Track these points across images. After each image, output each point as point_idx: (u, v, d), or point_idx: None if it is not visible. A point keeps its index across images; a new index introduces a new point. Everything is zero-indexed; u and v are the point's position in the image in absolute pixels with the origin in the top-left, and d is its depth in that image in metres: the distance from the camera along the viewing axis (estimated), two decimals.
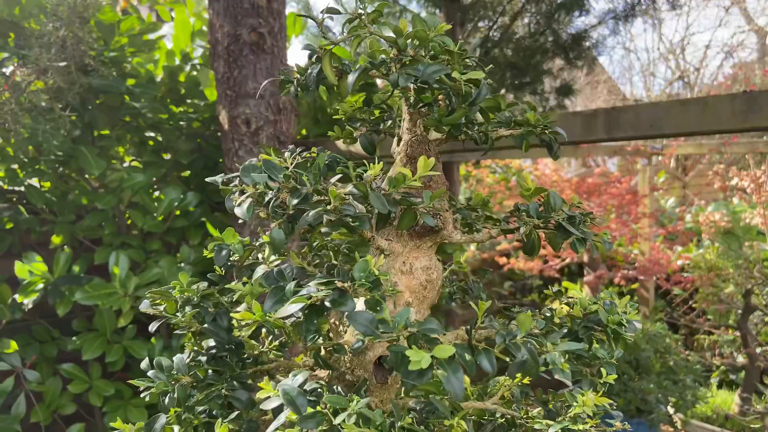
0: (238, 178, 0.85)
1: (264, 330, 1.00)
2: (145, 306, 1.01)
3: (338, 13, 0.86)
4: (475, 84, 0.81)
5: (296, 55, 18.52)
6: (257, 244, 1.01)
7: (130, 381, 0.97)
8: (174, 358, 0.94)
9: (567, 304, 0.93)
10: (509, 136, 0.91)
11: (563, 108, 4.41)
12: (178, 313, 0.98)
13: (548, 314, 0.91)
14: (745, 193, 6.68)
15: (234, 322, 0.96)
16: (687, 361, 3.61)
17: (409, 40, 0.80)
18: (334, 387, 0.76)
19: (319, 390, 0.74)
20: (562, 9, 3.70)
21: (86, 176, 2.87)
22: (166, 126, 2.92)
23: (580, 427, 0.79)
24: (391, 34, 0.79)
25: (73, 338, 2.69)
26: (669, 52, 12.13)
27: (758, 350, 3.88)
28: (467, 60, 0.83)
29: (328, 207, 0.75)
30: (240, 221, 2.68)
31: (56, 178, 2.82)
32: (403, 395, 0.90)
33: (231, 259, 1.00)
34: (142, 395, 0.94)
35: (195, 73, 3.28)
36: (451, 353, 0.66)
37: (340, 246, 0.98)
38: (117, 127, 2.89)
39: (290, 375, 0.75)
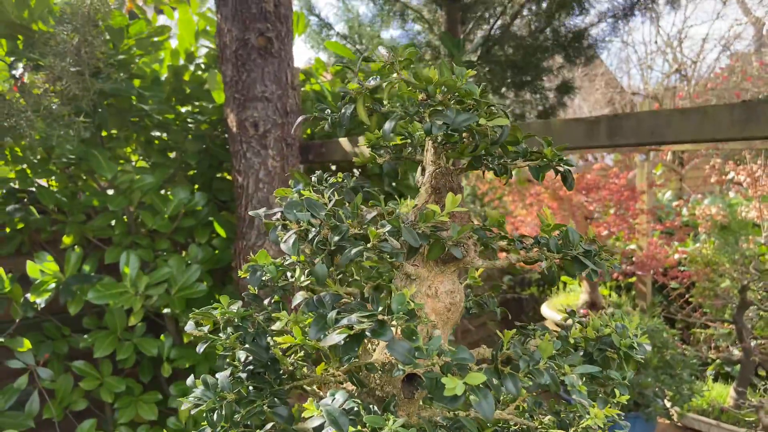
0: (280, 213, 0.90)
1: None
2: (190, 328, 1.06)
3: (373, 61, 0.92)
4: (494, 132, 0.87)
5: (298, 54, 18.50)
6: (287, 263, 1.07)
7: (177, 398, 1.01)
8: (218, 376, 1.00)
9: (579, 323, 0.99)
10: (527, 166, 0.97)
11: (563, 105, 4.46)
12: (221, 334, 1.03)
13: (564, 334, 0.97)
14: (742, 186, 6.76)
15: (271, 341, 1.01)
16: (684, 355, 3.69)
17: (437, 88, 0.85)
18: (369, 405, 0.81)
19: (356, 409, 0.79)
20: (562, 9, 3.75)
21: (96, 176, 2.92)
22: (173, 126, 2.96)
23: None
24: (413, 80, 0.84)
25: (85, 336, 2.74)
26: (666, 45, 12.16)
27: (753, 344, 3.96)
28: (491, 107, 0.88)
29: (368, 245, 0.81)
30: (247, 223, 2.71)
31: (65, 179, 2.87)
32: (428, 408, 0.96)
33: (264, 279, 1.05)
34: (183, 407, 0.99)
35: (200, 72, 3.32)
36: (483, 380, 0.72)
37: (368, 270, 1.03)
38: (125, 128, 2.94)
39: (329, 394, 0.81)
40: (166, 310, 2.88)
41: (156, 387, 3.01)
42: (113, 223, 2.90)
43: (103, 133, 2.88)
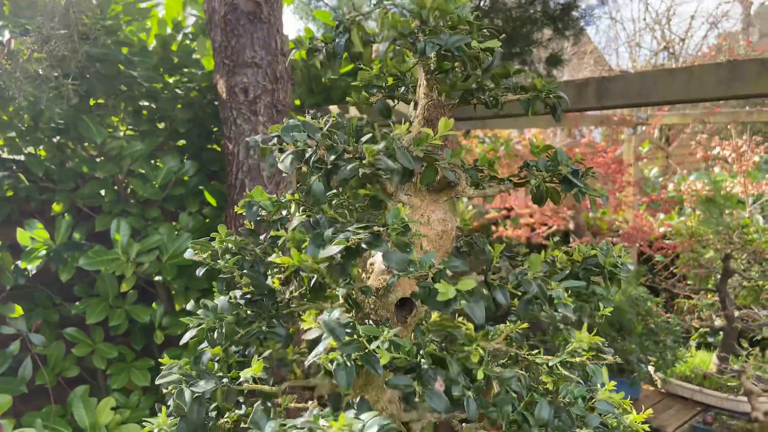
0: (276, 138, 0.92)
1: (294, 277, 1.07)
2: (189, 254, 1.08)
3: None
4: (490, 52, 0.88)
5: (287, 26, 18.31)
6: (283, 200, 1.08)
7: (180, 318, 1.04)
8: (217, 301, 1.02)
9: (566, 252, 1.02)
10: (517, 100, 0.99)
11: (552, 77, 4.47)
12: (219, 260, 1.05)
13: (551, 260, 1.00)
14: (727, 162, 6.83)
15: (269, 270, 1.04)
16: (667, 323, 3.76)
17: (431, 12, 0.86)
18: (365, 321, 0.84)
19: (351, 323, 0.82)
20: None
21: (84, 145, 2.90)
22: (163, 95, 2.94)
23: (577, 359, 0.88)
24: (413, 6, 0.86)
25: (76, 303, 2.75)
26: (655, 23, 12.17)
27: (736, 313, 4.04)
28: (484, 30, 0.90)
29: (364, 162, 0.83)
30: (237, 190, 2.72)
31: (54, 147, 2.85)
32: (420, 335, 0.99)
33: (260, 214, 1.07)
34: (186, 339, 1.01)
35: (188, 42, 3.30)
36: (473, 285, 0.75)
37: (356, 204, 1.05)
38: (113, 96, 2.91)
39: (325, 312, 0.84)
40: (157, 278, 2.89)
41: (148, 355, 3.03)
42: (103, 192, 2.89)
43: (91, 102, 2.86)
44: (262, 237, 1.10)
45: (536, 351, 0.96)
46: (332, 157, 0.83)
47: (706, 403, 3.70)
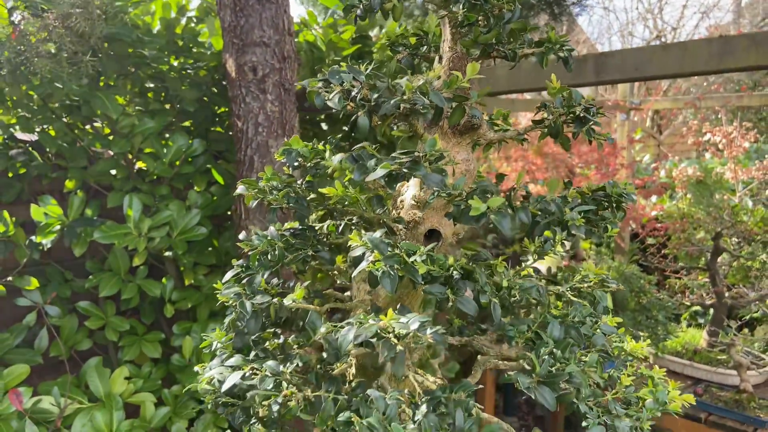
0: (322, 82, 1.01)
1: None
2: (241, 189, 1.17)
3: None
4: (510, 8, 0.98)
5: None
6: (319, 148, 1.18)
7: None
8: (269, 230, 1.12)
9: (576, 189, 1.12)
10: (532, 54, 1.08)
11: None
12: (268, 197, 1.13)
13: (562, 195, 1.10)
14: (717, 149, 6.97)
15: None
16: (659, 300, 3.88)
17: None
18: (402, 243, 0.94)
19: (391, 243, 0.91)
20: None
21: (95, 125, 2.97)
22: (171, 75, 3.01)
23: (585, 285, 0.98)
24: None
25: (89, 277, 2.83)
26: (647, 12, 12.28)
27: (726, 294, 4.16)
28: None
29: (404, 97, 0.92)
30: (247, 166, 2.81)
31: (65, 126, 2.92)
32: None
33: (298, 160, 1.16)
34: (230, 275, 1.11)
35: (192, 25, 3.36)
36: (502, 202, 0.85)
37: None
38: (122, 77, 2.98)
39: (367, 233, 0.93)
40: (167, 253, 2.97)
41: (157, 329, 3.11)
42: (114, 171, 2.97)
43: (101, 83, 2.93)
44: (299, 181, 1.19)
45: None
46: (375, 95, 0.92)
47: (696, 377, 3.82)
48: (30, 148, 2.88)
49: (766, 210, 4.88)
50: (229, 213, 3.30)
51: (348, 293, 1.19)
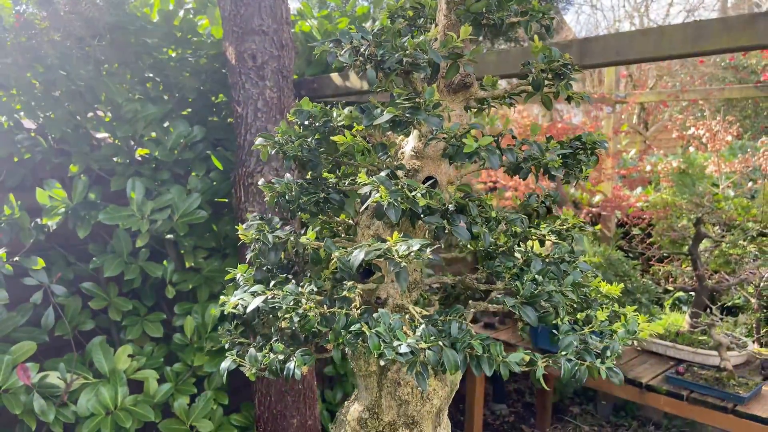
0: (333, 42, 1.12)
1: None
2: (259, 141, 1.28)
3: None
4: None
5: None
6: (328, 108, 1.29)
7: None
8: (285, 176, 1.23)
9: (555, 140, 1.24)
10: (518, 22, 1.20)
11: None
12: (285, 145, 1.24)
13: (545, 142, 1.22)
14: (701, 142, 7.14)
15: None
16: (643, 283, 4.02)
17: None
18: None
19: (395, 181, 1.03)
20: None
21: (97, 112, 3.06)
22: (171, 64, 3.11)
23: (564, 228, 1.10)
24: None
25: (93, 259, 2.92)
26: (634, 10, 12.49)
27: (708, 278, 4.31)
28: None
29: (407, 52, 1.03)
30: (246, 150, 2.90)
31: (68, 113, 3.00)
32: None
33: (308, 119, 1.27)
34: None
35: (190, 17, 3.46)
36: (491, 141, 0.96)
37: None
38: (123, 66, 3.07)
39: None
40: (168, 236, 3.07)
41: (159, 311, 3.21)
42: (116, 158, 3.06)
43: (104, 72, 3.02)
44: (309, 139, 1.30)
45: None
46: (381, 51, 1.04)
47: (678, 358, 3.97)
48: (34, 134, 2.96)
49: (747, 200, 5.05)
50: (227, 200, 3.40)
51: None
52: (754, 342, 4.31)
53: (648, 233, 5.33)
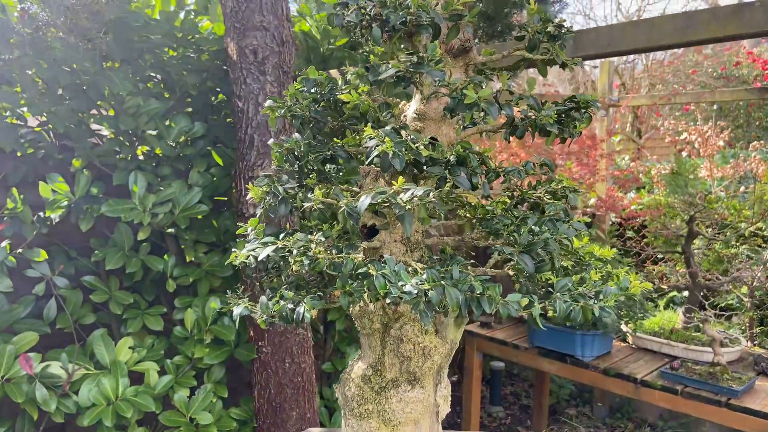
0: (340, 5, 1.18)
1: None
2: (269, 103, 1.33)
3: None
4: None
5: None
6: (333, 77, 1.34)
7: None
8: (294, 136, 1.27)
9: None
10: None
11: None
12: (296, 106, 1.29)
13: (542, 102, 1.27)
14: (693, 147, 7.23)
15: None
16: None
17: None
18: None
19: (399, 133, 1.08)
20: None
21: (99, 109, 3.11)
22: (174, 62, 3.16)
23: (559, 188, 1.15)
24: None
25: (95, 252, 2.95)
26: (626, 20, 12.63)
27: (701, 276, 4.37)
28: None
29: (410, 11, 1.09)
30: (247, 144, 2.95)
31: (69, 110, 3.05)
32: None
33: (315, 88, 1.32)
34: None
35: (191, 17, 3.52)
36: (490, 92, 1.01)
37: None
38: (125, 63, 3.13)
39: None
40: (169, 230, 3.11)
41: (159, 305, 3.23)
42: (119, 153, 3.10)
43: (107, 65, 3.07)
44: (317, 105, 1.35)
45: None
46: (386, 11, 1.09)
47: (672, 355, 4.01)
48: (38, 129, 3.01)
49: (740, 203, 5.12)
50: (226, 199, 3.44)
51: None
52: (747, 340, 4.36)
53: (642, 235, 5.39)
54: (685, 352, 3.94)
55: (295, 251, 1.08)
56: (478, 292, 0.97)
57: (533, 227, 1.11)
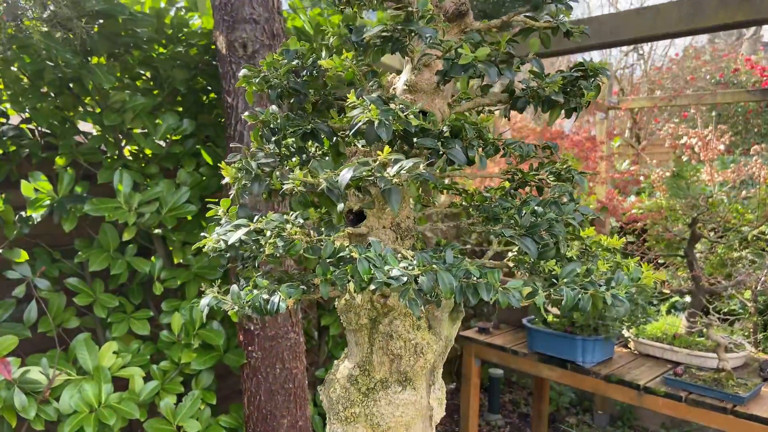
0: None
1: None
2: (243, 73, 1.23)
3: None
4: None
5: None
6: (315, 46, 1.24)
7: None
8: (270, 107, 1.17)
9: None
10: None
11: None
12: (271, 78, 1.19)
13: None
14: (694, 152, 7.15)
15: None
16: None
17: None
18: None
19: (386, 101, 0.98)
20: None
21: (84, 104, 3.01)
22: (162, 57, 3.07)
23: (564, 168, 1.05)
24: None
25: (78, 253, 2.84)
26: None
27: (703, 280, 4.27)
28: None
29: None
30: (236, 140, 2.83)
31: (54, 105, 2.95)
32: None
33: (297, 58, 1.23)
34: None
35: (182, 14, 3.43)
36: (488, 52, 0.92)
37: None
38: (111, 58, 3.03)
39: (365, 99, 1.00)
40: (156, 231, 3.00)
41: (145, 308, 3.13)
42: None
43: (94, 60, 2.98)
44: (297, 77, 1.25)
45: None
46: None
47: (675, 361, 3.91)
48: (24, 126, 2.91)
49: (742, 207, 5.03)
50: (216, 200, 3.33)
51: None
52: (752, 345, 4.26)
53: (643, 239, 5.30)
54: (689, 358, 3.84)
55: (268, 233, 0.98)
56: (474, 278, 0.87)
57: (537, 208, 1.01)
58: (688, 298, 4.60)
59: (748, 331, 4.49)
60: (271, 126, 1.13)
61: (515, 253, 1.07)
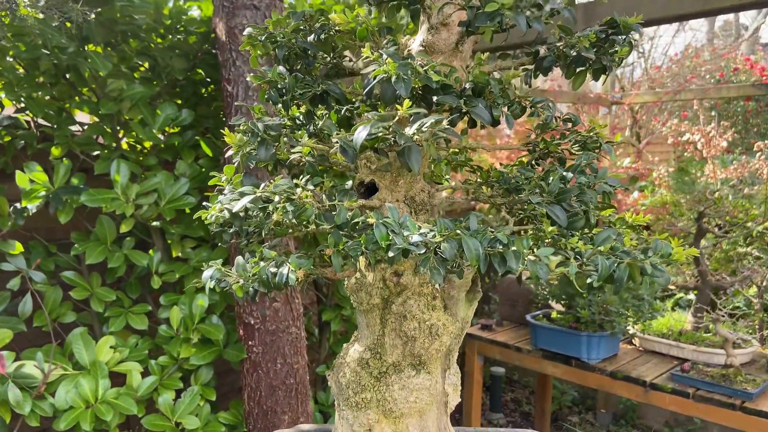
0: None
1: None
2: (248, 31, 1.16)
3: None
4: None
5: None
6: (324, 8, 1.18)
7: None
8: (276, 68, 1.11)
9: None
10: None
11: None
12: (278, 37, 1.12)
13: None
14: (696, 148, 7.11)
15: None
16: None
17: None
18: None
19: (404, 57, 0.92)
20: None
21: (81, 93, 2.95)
22: (160, 46, 3.01)
23: (590, 136, 0.99)
24: None
25: (75, 246, 2.78)
26: None
27: (712, 279, 4.22)
28: None
29: None
30: (240, 103, 2.74)
31: (50, 94, 2.88)
32: None
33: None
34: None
35: (180, 2, 3.37)
36: (515, 1, 0.86)
37: None
38: (108, 47, 2.97)
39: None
40: (155, 223, 2.94)
41: (143, 303, 3.06)
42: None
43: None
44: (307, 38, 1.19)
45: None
46: None
47: (682, 357, 3.85)
48: (21, 116, 2.85)
49: (747, 204, 4.97)
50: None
51: None
52: (758, 342, 4.20)
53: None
54: (696, 354, 3.78)
55: (277, 198, 0.91)
56: (500, 247, 0.80)
57: (565, 173, 0.95)
58: (692, 295, 4.55)
59: (753, 328, 4.44)
60: (279, 86, 1.06)
61: (533, 231, 1.01)
